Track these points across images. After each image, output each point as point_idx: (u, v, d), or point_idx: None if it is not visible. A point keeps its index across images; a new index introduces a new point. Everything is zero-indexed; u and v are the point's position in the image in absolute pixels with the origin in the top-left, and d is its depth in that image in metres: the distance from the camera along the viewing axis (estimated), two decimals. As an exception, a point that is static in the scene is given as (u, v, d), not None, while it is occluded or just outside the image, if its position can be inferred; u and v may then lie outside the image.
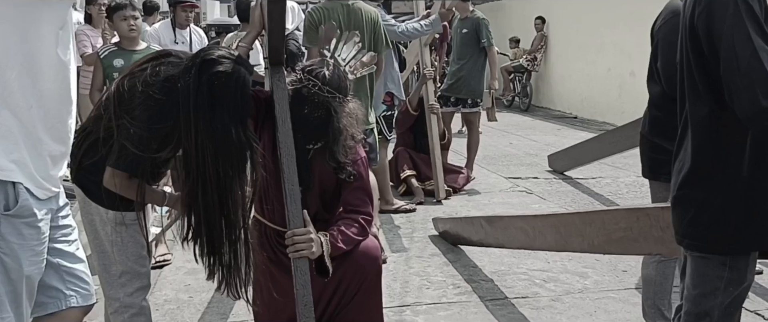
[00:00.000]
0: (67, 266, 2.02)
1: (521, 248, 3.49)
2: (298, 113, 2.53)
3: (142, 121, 2.13)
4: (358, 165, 2.69)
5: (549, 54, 13.17)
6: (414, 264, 4.02)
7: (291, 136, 2.47)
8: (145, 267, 2.46)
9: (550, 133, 9.90)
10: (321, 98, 2.50)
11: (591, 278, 3.76)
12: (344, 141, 2.55)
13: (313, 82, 2.50)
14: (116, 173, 2.20)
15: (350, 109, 2.62)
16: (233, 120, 2.13)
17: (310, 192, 2.63)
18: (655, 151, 2.70)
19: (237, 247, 2.23)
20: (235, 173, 2.15)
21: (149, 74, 2.18)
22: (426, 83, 5.60)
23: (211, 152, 2.09)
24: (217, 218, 2.15)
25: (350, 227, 2.59)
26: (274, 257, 2.69)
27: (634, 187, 6.16)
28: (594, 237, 2.69)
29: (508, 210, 5.27)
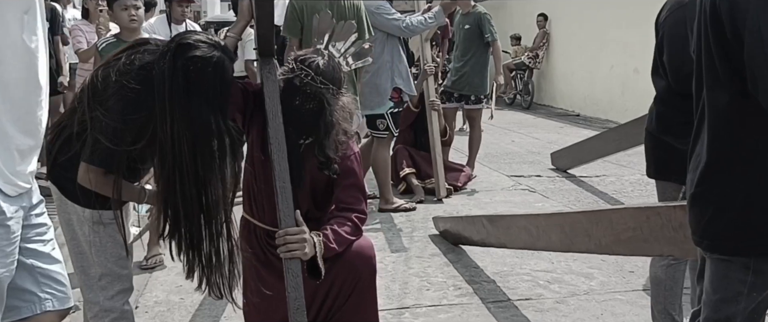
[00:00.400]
0: (42, 268, 1.90)
1: (524, 248, 3.37)
2: (288, 104, 2.41)
3: (115, 112, 2.01)
4: (351, 161, 2.57)
5: (551, 51, 13.04)
6: (414, 264, 3.90)
7: (282, 131, 2.35)
8: (127, 269, 2.33)
9: (552, 131, 9.78)
10: (313, 89, 2.37)
11: (597, 279, 3.63)
12: (336, 135, 2.42)
13: (306, 72, 2.38)
14: (91, 168, 2.08)
15: (343, 103, 2.50)
16: (212, 108, 2.01)
17: (301, 189, 2.51)
18: (662, 148, 2.58)
19: (218, 243, 2.11)
20: (215, 165, 2.04)
21: (124, 63, 2.06)
22: (427, 79, 5.47)
23: (188, 142, 1.97)
24: (196, 212, 2.04)
25: (343, 225, 2.47)
26: (263, 258, 2.57)
27: (639, 185, 6.03)
28: (601, 237, 2.56)
29: (511, 209, 5.14)
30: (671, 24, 2.48)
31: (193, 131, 1.97)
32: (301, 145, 2.48)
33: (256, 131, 2.48)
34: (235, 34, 2.39)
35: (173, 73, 1.96)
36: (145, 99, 1.99)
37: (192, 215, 2.04)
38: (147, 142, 2.03)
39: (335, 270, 2.46)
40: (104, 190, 2.11)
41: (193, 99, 1.97)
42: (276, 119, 2.33)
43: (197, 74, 1.98)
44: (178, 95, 1.96)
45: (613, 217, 2.50)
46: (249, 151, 2.54)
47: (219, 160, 2.05)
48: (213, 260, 2.11)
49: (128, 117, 2.01)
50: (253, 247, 2.61)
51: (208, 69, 2.00)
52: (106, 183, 2.09)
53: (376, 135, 4.99)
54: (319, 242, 2.34)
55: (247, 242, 2.63)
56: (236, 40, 2.39)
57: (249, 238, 2.63)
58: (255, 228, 2.60)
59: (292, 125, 2.41)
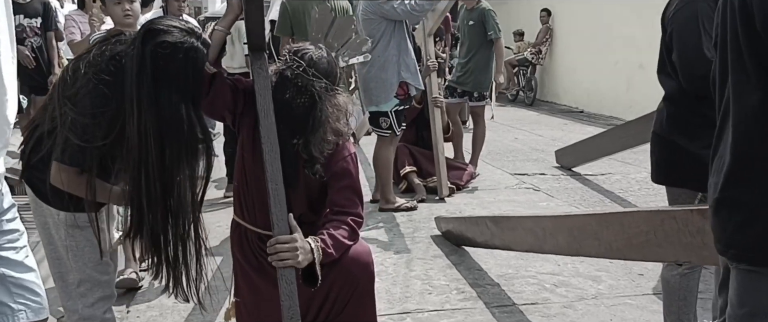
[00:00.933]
0: (14, 277, 1.78)
1: (530, 250, 3.24)
2: (279, 98, 2.28)
3: (84, 106, 1.89)
4: (346, 162, 2.44)
5: (554, 47, 12.89)
6: (415, 267, 3.77)
7: (275, 130, 2.22)
8: (107, 275, 2.21)
9: (556, 128, 9.64)
10: (305, 82, 2.25)
11: (605, 283, 3.50)
12: (323, 134, 2.29)
13: (298, 63, 2.25)
14: (62, 167, 1.95)
15: (338, 102, 2.37)
16: (182, 97, 1.89)
17: (295, 191, 2.38)
18: (672, 151, 2.45)
19: (185, 243, 2.00)
20: (183, 159, 1.92)
21: (94, 54, 1.95)
22: (429, 75, 5.34)
23: (155, 134, 1.85)
24: (161, 210, 1.91)
25: (340, 230, 2.34)
26: (256, 264, 2.45)
27: (646, 184, 5.88)
28: (612, 241, 2.43)
29: (515, 208, 5.02)
30: (681, 20, 2.34)
31: (160, 122, 1.85)
32: (296, 145, 2.35)
33: (246, 130, 2.35)
34: (223, 28, 2.26)
35: (141, 59, 1.84)
36: (114, 91, 1.88)
37: (156, 214, 1.91)
38: (116, 137, 1.90)
39: (332, 277, 2.34)
40: (78, 191, 1.98)
41: (161, 87, 1.85)
42: (268, 118, 2.21)
43: (166, 61, 1.86)
44: (146, 83, 1.83)
45: (624, 220, 2.37)
46: (239, 152, 2.42)
47: (187, 155, 1.93)
48: (179, 261, 2.00)
49: (97, 111, 1.88)
50: (244, 251, 2.50)
51: (178, 55, 1.88)
52: (79, 183, 1.96)
53: (378, 133, 4.85)
54: (316, 248, 2.22)
55: (239, 247, 2.51)
56: (224, 35, 2.26)
57: (240, 242, 2.51)
58: (246, 232, 2.48)
59: (282, 121, 2.28)
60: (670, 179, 2.46)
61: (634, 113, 10.06)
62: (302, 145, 2.31)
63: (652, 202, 5.19)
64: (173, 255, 1.99)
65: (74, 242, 2.11)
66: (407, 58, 4.71)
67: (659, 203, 5.04)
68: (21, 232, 1.79)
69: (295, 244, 2.16)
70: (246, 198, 2.43)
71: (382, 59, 4.57)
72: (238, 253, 2.52)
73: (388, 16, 4.61)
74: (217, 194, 5.49)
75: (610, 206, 5.14)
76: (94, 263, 2.14)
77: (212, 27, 2.25)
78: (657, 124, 2.54)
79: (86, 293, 2.15)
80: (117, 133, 1.88)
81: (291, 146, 2.33)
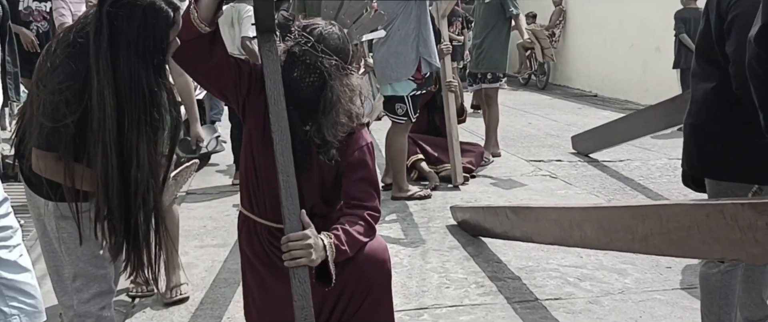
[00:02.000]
0: (6, 279, 1.64)
1: (554, 243, 3.06)
2: (286, 77, 2.12)
3: (52, 84, 1.76)
4: (362, 152, 2.27)
5: (567, 30, 12.66)
6: (431, 259, 3.62)
7: (285, 117, 2.06)
8: (104, 269, 2.06)
9: (570, 112, 9.45)
10: (313, 59, 2.08)
11: (631, 276, 3.34)
12: (336, 116, 2.12)
13: (306, 38, 2.08)
14: (39, 153, 1.82)
15: (351, 82, 2.20)
16: (141, 61, 1.75)
17: (307, 179, 2.21)
18: (720, 143, 2.27)
19: (140, 221, 1.85)
20: (142, 128, 1.77)
21: (67, 30, 1.83)
22: (443, 59, 5.15)
23: (111, 100, 1.71)
24: (119, 183, 1.76)
25: (355, 225, 2.18)
26: (265, 259, 2.29)
27: (667, 170, 5.71)
28: (647, 235, 2.26)
29: (532, 196, 4.85)
30: (747, 6, 2.12)
31: (117, 87, 1.72)
32: (308, 132, 2.19)
33: (254, 117, 2.19)
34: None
35: (98, 20, 1.72)
36: (79, 63, 1.75)
37: (111, 187, 1.76)
38: (83, 112, 1.75)
39: (346, 275, 2.18)
40: (57, 177, 1.84)
41: (118, 50, 1.72)
42: (278, 104, 2.04)
43: (123, 21, 1.73)
44: (102, 46, 1.71)
45: (662, 213, 2.20)
46: (246, 140, 2.26)
47: (147, 124, 1.78)
48: (140, 241, 1.87)
49: (63, 85, 1.75)
50: (253, 246, 2.34)
51: (135, 14, 1.74)
52: (58, 169, 1.83)
53: (393, 119, 4.67)
54: (330, 245, 2.06)
55: (247, 241, 2.35)
56: (218, 2, 2.03)
57: (249, 236, 2.35)
58: (255, 225, 2.32)
59: (290, 103, 2.11)
60: (716, 172, 2.28)
61: (649, 97, 9.85)
62: (314, 130, 2.14)
63: (674, 189, 5.01)
64: (133, 234, 1.86)
65: (66, 234, 1.97)
66: (426, 32, 4.48)
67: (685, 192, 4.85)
68: (14, 229, 1.65)
69: (308, 241, 2.00)
70: (254, 189, 2.27)
71: (402, 33, 4.38)
72: (247, 247, 2.36)
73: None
74: (225, 181, 5.35)
75: (631, 194, 4.96)
76: (89, 256, 2.01)
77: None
78: (696, 115, 2.34)
79: (82, 288, 2.01)
80: (83, 107, 1.75)
81: (303, 133, 2.17)
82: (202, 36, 2.04)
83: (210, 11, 2.03)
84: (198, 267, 3.55)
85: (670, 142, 6.69)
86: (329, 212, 2.33)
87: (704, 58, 2.28)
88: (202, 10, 2.01)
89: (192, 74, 2.28)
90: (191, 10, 2.01)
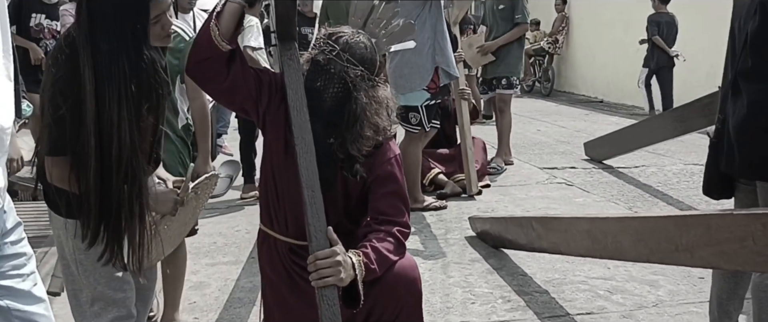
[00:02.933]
0: (20, 310, 1.51)
1: (586, 255, 2.93)
2: (309, 87, 2.01)
3: (50, 81, 1.73)
4: (391, 165, 2.16)
5: (571, 36, 12.58)
6: (453, 272, 3.48)
7: (309, 128, 1.94)
8: (123, 292, 1.95)
9: (578, 118, 9.34)
10: (338, 68, 1.97)
11: (664, 288, 3.20)
12: (360, 129, 2.01)
13: (332, 47, 1.97)
14: (48, 160, 1.76)
15: (377, 94, 2.09)
16: (119, 37, 1.70)
17: (332, 195, 2.09)
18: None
19: (128, 204, 1.76)
20: (123, 106, 1.70)
21: (65, 32, 1.82)
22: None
23: (90, 78, 1.67)
24: (93, 164, 1.69)
25: (384, 242, 2.05)
26: (287, 279, 2.17)
27: (684, 176, 5.59)
28: (694, 247, 2.13)
29: (550, 205, 4.72)
30: None
31: (95, 65, 1.68)
32: (331, 146, 2.07)
33: (274, 130, 2.07)
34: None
35: (79, 2, 1.72)
36: (69, 53, 1.72)
37: (87, 165, 1.69)
38: (73, 100, 1.69)
39: (374, 296, 2.05)
40: (64, 183, 1.76)
41: (97, 27, 1.69)
42: (301, 115, 1.92)
43: (98, 4, 1.71)
44: (83, 26, 1.69)
45: (711, 223, 2.07)
46: (266, 154, 2.14)
47: (129, 100, 1.71)
48: (121, 224, 1.77)
49: (57, 76, 1.72)
50: (274, 265, 2.21)
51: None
52: (64, 176, 1.75)
53: (407, 129, 4.53)
54: (359, 263, 1.93)
55: (268, 260, 2.23)
56: (239, 6, 1.88)
57: (269, 255, 2.23)
58: (275, 243, 2.20)
59: (313, 114, 2.00)
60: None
61: (656, 102, 9.75)
62: (337, 144, 2.03)
63: (695, 196, 4.88)
64: (115, 216, 1.76)
65: (83, 255, 1.87)
66: (443, 41, 4.32)
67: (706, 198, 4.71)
68: (28, 256, 1.52)
69: (336, 258, 1.88)
70: (275, 205, 2.15)
71: (416, 42, 4.24)
72: (267, 267, 2.24)
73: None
74: (234, 195, 5.22)
75: (651, 201, 4.84)
76: (107, 278, 1.90)
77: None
78: (752, 116, 2.21)
79: (100, 313, 1.91)
80: (75, 94, 1.69)
81: (327, 146, 2.05)
82: (222, 54, 1.95)
83: (231, 27, 1.94)
84: (210, 287, 3.41)
85: (683, 148, 6.57)
86: (354, 229, 2.21)
87: (762, 55, 2.16)
88: (223, 26, 1.92)
89: (210, 93, 2.18)
90: (212, 28, 1.91)
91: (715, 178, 2.45)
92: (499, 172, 5.65)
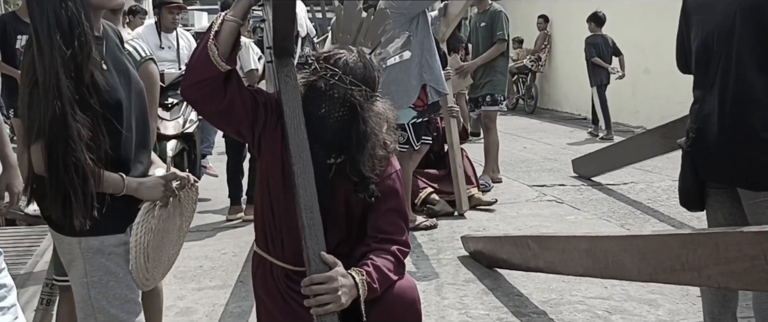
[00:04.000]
0: None
1: (585, 275, 2.87)
2: (312, 114, 1.95)
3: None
4: (392, 180, 2.11)
5: (554, 53, 12.64)
6: (448, 294, 3.40)
7: (307, 147, 1.87)
8: (135, 315, 1.88)
9: (563, 135, 9.35)
10: (342, 92, 1.92)
11: (663, 307, 3.15)
12: (372, 149, 1.96)
13: (332, 71, 1.91)
14: (34, 148, 1.68)
15: (379, 109, 2.05)
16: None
17: (333, 219, 2.03)
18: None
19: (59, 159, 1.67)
20: (54, 55, 1.65)
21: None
22: (443, 84, 4.97)
23: (34, 39, 1.66)
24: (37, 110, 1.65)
25: (385, 261, 2.00)
26: (282, 305, 2.09)
27: (674, 192, 5.51)
28: (701, 266, 2.08)
29: (542, 223, 4.67)
30: None
31: (36, 24, 1.66)
32: (332, 166, 2.00)
33: (270, 151, 2.00)
34: (235, 17, 1.87)
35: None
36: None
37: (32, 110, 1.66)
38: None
39: (372, 316, 1.97)
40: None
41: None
42: (299, 133, 1.85)
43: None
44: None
45: (719, 241, 2.02)
46: (262, 176, 2.07)
47: (58, 49, 1.65)
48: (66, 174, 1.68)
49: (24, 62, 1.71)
50: (268, 290, 2.14)
51: None
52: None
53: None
54: (362, 283, 1.87)
55: (263, 285, 2.15)
56: (237, 25, 1.86)
57: (264, 279, 2.15)
58: (272, 268, 2.12)
59: (318, 140, 1.95)
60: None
61: (640, 119, 9.80)
62: (350, 167, 1.97)
63: (686, 212, 4.83)
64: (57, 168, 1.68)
65: (96, 277, 1.80)
66: (431, 58, 4.25)
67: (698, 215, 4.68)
68: (9, 287, 1.42)
69: (335, 284, 1.80)
70: (271, 229, 2.07)
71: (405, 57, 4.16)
72: (262, 292, 2.15)
73: (413, 8, 4.15)
74: (219, 217, 5.11)
75: (643, 218, 4.80)
76: (121, 300, 1.83)
77: (222, 17, 1.88)
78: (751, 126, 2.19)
79: None
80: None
81: (326, 168, 1.98)
82: (220, 74, 1.89)
83: (229, 46, 1.88)
84: (198, 312, 3.30)
85: (670, 164, 6.55)
86: (353, 247, 2.13)
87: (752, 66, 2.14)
88: (223, 46, 1.86)
89: (206, 115, 2.11)
90: (210, 47, 1.86)
91: (692, 188, 2.44)
92: (487, 189, 5.60)
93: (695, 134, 2.36)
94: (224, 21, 1.87)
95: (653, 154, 5.42)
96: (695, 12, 2.36)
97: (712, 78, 2.27)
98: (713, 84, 2.28)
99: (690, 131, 2.39)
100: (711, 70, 2.27)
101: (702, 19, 2.33)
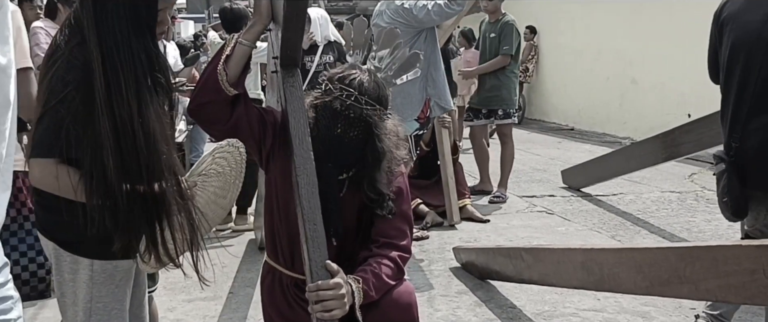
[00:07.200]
0: None
1: (579, 287, 2.86)
2: (328, 134, 1.97)
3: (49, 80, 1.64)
4: (399, 182, 2.16)
5: (541, 64, 12.70)
6: (440, 306, 3.39)
7: (312, 158, 1.86)
8: None
9: (551, 146, 9.37)
10: (358, 112, 1.93)
11: (657, 320, 3.15)
12: (387, 166, 1.98)
13: (348, 92, 1.92)
14: (36, 162, 1.63)
15: (391, 126, 2.09)
16: (131, 26, 1.62)
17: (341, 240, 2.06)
18: None
19: (137, 194, 1.64)
20: (130, 89, 1.61)
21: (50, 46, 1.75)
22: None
23: (99, 68, 1.59)
24: (114, 153, 1.59)
25: (384, 267, 2.03)
26: (288, 313, 2.13)
27: (663, 203, 5.60)
28: (700, 280, 2.08)
29: (533, 234, 4.67)
30: None
31: (101, 47, 1.60)
32: (343, 182, 2.02)
33: (278, 165, 2.03)
34: (248, 41, 1.88)
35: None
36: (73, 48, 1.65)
37: (107, 155, 1.59)
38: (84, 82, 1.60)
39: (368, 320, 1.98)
40: (65, 190, 1.63)
41: (105, 17, 1.61)
42: (303, 145, 1.84)
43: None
44: (88, 15, 1.62)
45: (718, 255, 2.02)
46: (270, 188, 2.08)
47: (149, 90, 1.64)
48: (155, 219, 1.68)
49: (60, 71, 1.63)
50: (274, 298, 2.18)
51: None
52: (53, 176, 1.63)
53: None
54: (358, 291, 1.90)
55: (269, 294, 2.21)
56: (249, 49, 1.89)
57: (271, 287, 2.20)
58: (280, 276, 2.17)
59: (334, 158, 1.97)
60: None
61: (628, 130, 9.86)
62: (367, 185, 2.01)
63: (676, 223, 4.89)
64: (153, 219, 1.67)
65: (101, 303, 1.75)
66: (436, 72, 4.26)
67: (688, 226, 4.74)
68: (15, 299, 1.39)
69: (342, 291, 1.83)
70: (280, 239, 2.10)
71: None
72: (268, 300, 2.21)
73: (423, 23, 4.16)
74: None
75: (633, 229, 4.82)
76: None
77: (235, 39, 1.89)
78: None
79: None
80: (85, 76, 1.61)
81: (337, 183, 2.00)
82: (226, 98, 1.91)
83: (239, 70, 1.90)
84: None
85: (658, 175, 6.61)
86: (355, 251, 2.14)
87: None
88: (231, 70, 1.88)
89: (212, 134, 2.13)
90: (219, 71, 1.87)
91: (741, 197, 2.42)
92: (503, 201, 5.62)
93: (738, 143, 2.36)
94: (237, 44, 1.88)
95: (642, 165, 5.44)
96: (727, 22, 2.37)
97: (751, 87, 2.29)
98: (746, 92, 2.30)
99: (732, 141, 2.39)
100: (749, 78, 2.29)
101: (734, 29, 2.34)
